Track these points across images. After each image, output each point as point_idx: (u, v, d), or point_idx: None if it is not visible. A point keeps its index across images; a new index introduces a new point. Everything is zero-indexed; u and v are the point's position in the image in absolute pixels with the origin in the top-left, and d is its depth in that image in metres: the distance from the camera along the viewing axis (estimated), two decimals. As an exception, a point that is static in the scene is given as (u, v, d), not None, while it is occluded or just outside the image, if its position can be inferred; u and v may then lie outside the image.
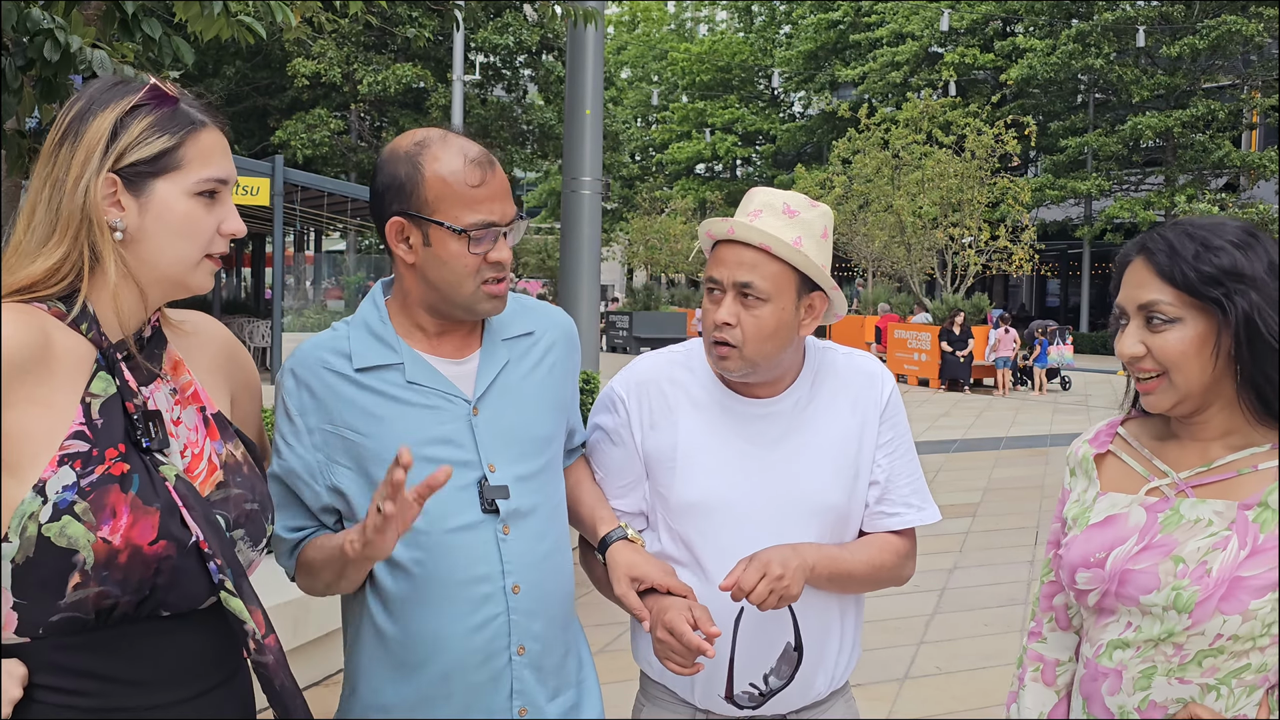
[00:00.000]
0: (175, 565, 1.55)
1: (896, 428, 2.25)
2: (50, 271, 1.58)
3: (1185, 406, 1.79)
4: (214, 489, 1.65)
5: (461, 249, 1.91)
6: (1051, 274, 41.02)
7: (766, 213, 2.11)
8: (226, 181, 1.67)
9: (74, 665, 1.53)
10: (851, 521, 2.21)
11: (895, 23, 39.91)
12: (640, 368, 2.28)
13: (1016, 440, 14.76)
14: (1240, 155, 32.56)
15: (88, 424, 1.55)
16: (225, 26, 3.95)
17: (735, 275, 2.08)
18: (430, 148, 1.93)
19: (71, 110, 1.62)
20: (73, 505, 1.49)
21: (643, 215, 40.31)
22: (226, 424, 1.75)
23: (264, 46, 24.22)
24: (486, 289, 1.95)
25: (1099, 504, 1.88)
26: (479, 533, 1.94)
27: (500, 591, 1.94)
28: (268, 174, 17.19)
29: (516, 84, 30.39)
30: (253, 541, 1.69)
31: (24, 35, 3.50)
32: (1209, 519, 1.76)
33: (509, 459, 1.99)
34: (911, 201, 25.84)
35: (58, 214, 1.58)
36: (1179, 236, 1.75)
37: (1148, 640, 1.76)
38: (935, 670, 5.63)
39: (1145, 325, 1.77)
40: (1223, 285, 1.70)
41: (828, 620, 2.20)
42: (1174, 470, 1.83)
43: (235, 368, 1.87)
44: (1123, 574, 1.78)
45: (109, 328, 1.62)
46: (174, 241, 1.63)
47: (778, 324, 2.09)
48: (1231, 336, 1.71)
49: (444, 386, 1.98)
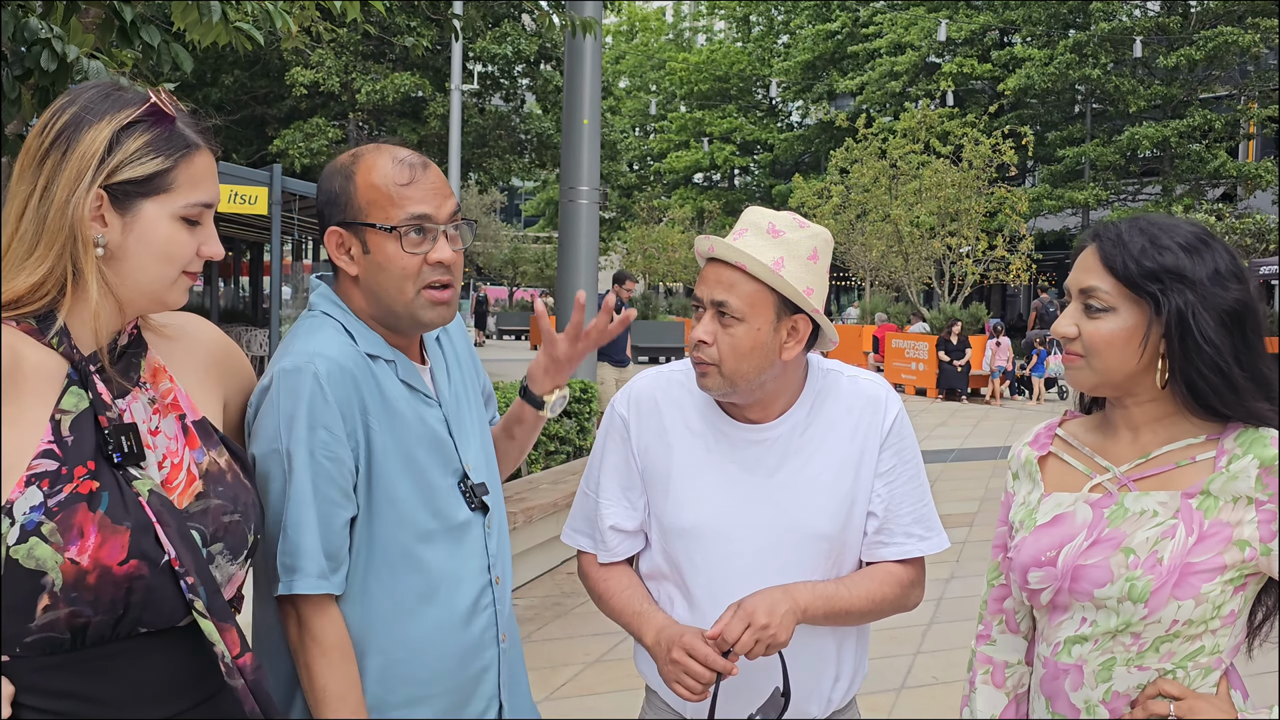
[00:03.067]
0: (148, 584, 1.52)
1: (900, 454, 2.19)
2: (33, 288, 1.54)
3: (1105, 390, 1.86)
4: (193, 500, 1.61)
5: (397, 249, 1.88)
6: (1049, 284, 41.09)
7: (751, 232, 2.09)
8: (211, 205, 1.64)
9: (54, 686, 1.50)
10: (848, 550, 2.17)
11: (893, 33, 39.94)
12: (638, 387, 2.27)
13: (1009, 449, 14.76)
14: (1237, 165, 32.57)
15: (57, 441, 1.51)
16: (224, 33, 3.95)
17: (713, 294, 2.07)
18: (363, 158, 1.93)
19: (62, 117, 1.56)
20: (39, 526, 1.46)
21: (640, 224, 40.33)
22: (210, 431, 1.70)
23: (262, 55, 24.22)
24: (429, 295, 1.92)
25: (1044, 505, 1.91)
26: (473, 530, 2.00)
27: (489, 584, 2.01)
28: (266, 183, 17.15)
29: (514, 93, 30.38)
30: (232, 555, 1.64)
31: (21, 45, 3.50)
32: (1154, 510, 1.80)
33: (474, 456, 2.05)
34: (909, 211, 25.85)
35: (44, 227, 1.53)
36: (1130, 230, 1.81)
37: (1105, 633, 1.79)
38: (932, 680, 5.62)
39: (1083, 309, 1.83)
40: (1160, 282, 1.75)
41: (822, 652, 2.17)
42: (1114, 465, 1.87)
43: (228, 370, 1.83)
44: (1075, 570, 1.81)
45: (82, 341, 1.58)
46: (154, 263, 1.59)
47: (753, 344, 2.05)
48: (1161, 332, 1.76)
49: (425, 388, 2.00)
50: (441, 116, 26.29)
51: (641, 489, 2.22)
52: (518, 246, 45.70)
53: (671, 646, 2.01)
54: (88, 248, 1.54)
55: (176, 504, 1.59)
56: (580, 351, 2.20)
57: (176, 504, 1.59)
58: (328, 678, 1.82)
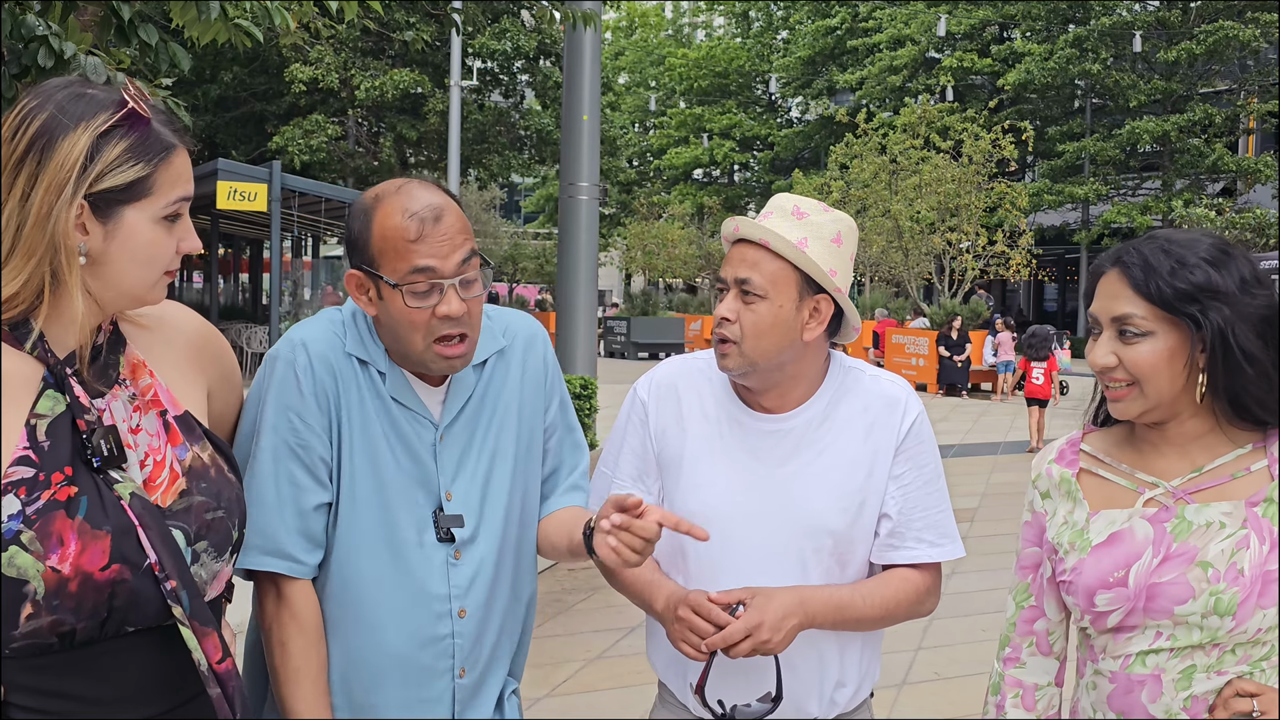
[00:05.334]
0: (131, 587, 1.51)
1: (915, 459, 2.17)
2: (9, 299, 1.50)
3: (1153, 415, 1.83)
4: (176, 498, 1.59)
5: (401, 304, 1.88)
6: (1049, 279, 41.01)
7: (776, 214, 2.13)
8: (188, 199, 1.62)
9: (42, 685, 1.50)
10: (856, 548, 2.15)
11: (892, 28, 39.93)
12: (661, 371, 2.29)
13: (1014, 445, 14.77)
14: (1237, 160, 32.57)
15: (33, 447, 1.49)
16: (222, 30, 3.95)
17: (736, 272, 2.09)
18: (382, 203, 1.91)
19: (34, 123, 1.50)
20: (19, 535, 1.44)
21: (640, 221, 40.29)
22: (193, 425, 1.68)
23: (261, 52, 24.21)
24: (439, 349, 1.91)
25: (1095, 523, 1.87)
26: (433, 558, 1.98)
27: (449, 616, 1.98)
28: (265, 180, 17.17)
29: (514, 89, 30.37)
30: (217, 552, 1.63)
31: (19, 42, 3.50)
32: (1220, 521, 1.78)
33: (464, 487, 2.01)
34: (909, 207, 25.82)
35: (19, 237, 1.49)
36: (1154, 252, 1.79)
37: (1185, 646, 1.77)
38: (933, 676, 5.62)
39: (1118, 337, 1.80)
40: (1197, 302, 1.74)
41: (823, 657, 2.15)
42: (1162, 480, 1.84)
43: (209, 359, 1.81)
44: (1150, 589, 1.78)
45: (58, 343, 1.55)
46: (136, 267, 1.58)
47: (774, 321, 2.07)
48: (1204, 351, 1.75)
49: (419, 407, 1.99)
50: (441, 113, 26.28)
51: (656, 474, 2.23)
52: (517, 243, 45.63)
53: (679, 605, 2.02)
54: (71, 257, 1.51)
55: (160, 502, 1.57)
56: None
57: (160, 502, 1.57)
58: (271, 654, 1.92)
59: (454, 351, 1.92)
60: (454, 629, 1.98)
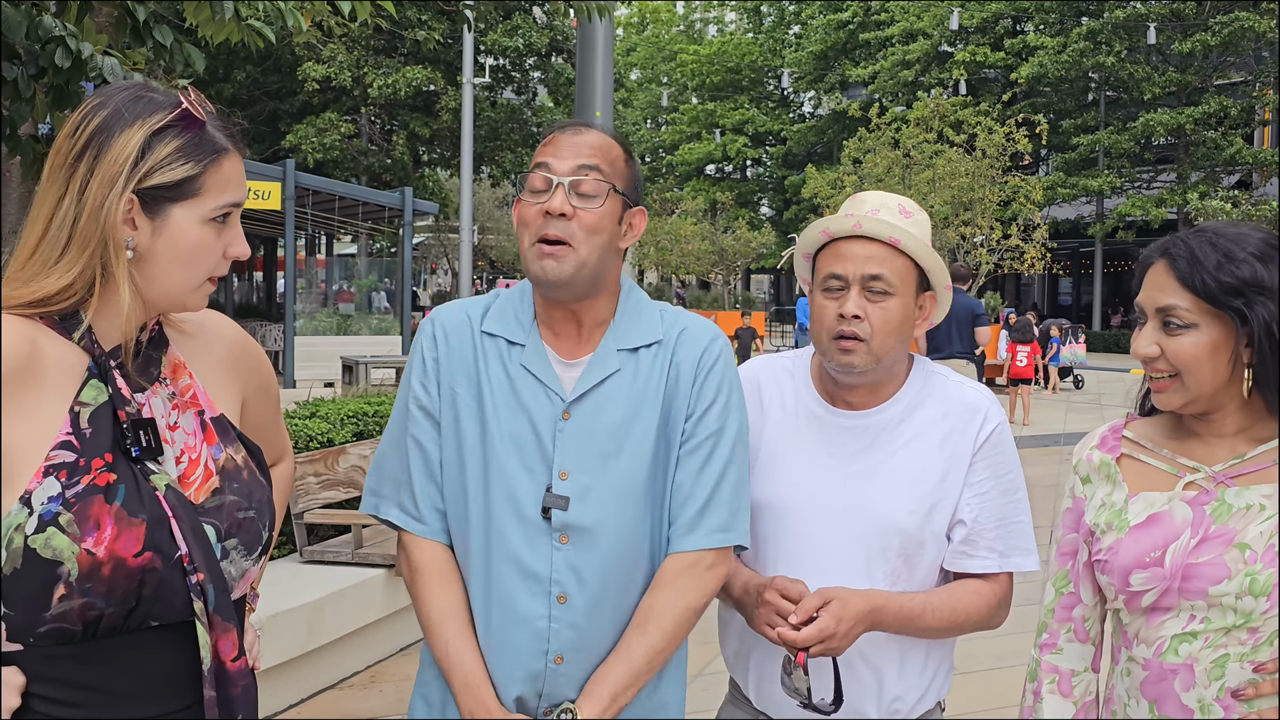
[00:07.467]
0: (161, 577, 1.54)
1: (993, 468, 2.15)
2: (62, 289, 1.55)
3: (1195, 406, 1.83)
4: (209, 495, 1.63)
5: (522, 204, 2.00)
6: (1064, 272, 40.91)
7: (884, 211, 2.13)
8: (239, 204, 1.66)
9: (65, 676, 1.52)
10: (926, 549, 2.12)
11: (905, 21, 39.85)
12: (750, 365, 2.31)
13: (1029, 439, 14.72)
14: (1253, 152, 32.43)
15: (75, 433, 1.53)
16: (235, 30, 3.97)
17: (864, 269, 2.08)
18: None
19: (94, 120, 1.57)
20: (57, 516, 1.48)
21: (653, 216, 40.35)
22: (227, 427, 1.72)
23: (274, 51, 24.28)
24: (540, 248, 1.94)
25: (1134, 505, 1.88)
26: (537, 538, 1.93)
27: (546, 598, 1.92)
28: (279, 178, 17.25)
29: (526, 86, 30.45)
30: (247, 550, 1.66)
31: (36, 43, 3.52)
32: (1260, 504, 1.78)
33: (579, 465, 1.94)
34: (923, 201, 25.75)
35: (74, 230, 1.54)
36: (1202, 245, 1.79)
37: (1218, 629, 1.77)
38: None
39: (1162, 328, 1.81)
40: (1243, 295, 1.74)
41: (884, 658, 2.14)
42: (1204, 465, 1.85)
43: (246, 368, 1.85)
44: (1185, 569, 1.78)
45: (105, 337, 1.60)
46: (179, 267, 1.61)
47: (903, 318, 2.10)
48: (1249, 344, 1.75)
49: (550, 380, 1.98)
50: (453, 110, 26.34)
51: None
52: (531, 240, 45.75)
53: (764, 589, 2.02)
54: (119, 251, 1.56)
55: (193, 499, 1.61)
56: None
57: (193, 499, 1.61)
58: (420, 602, 1.99)
59: (551, 252, 1.93)
60: (550, 611, 1.92)
